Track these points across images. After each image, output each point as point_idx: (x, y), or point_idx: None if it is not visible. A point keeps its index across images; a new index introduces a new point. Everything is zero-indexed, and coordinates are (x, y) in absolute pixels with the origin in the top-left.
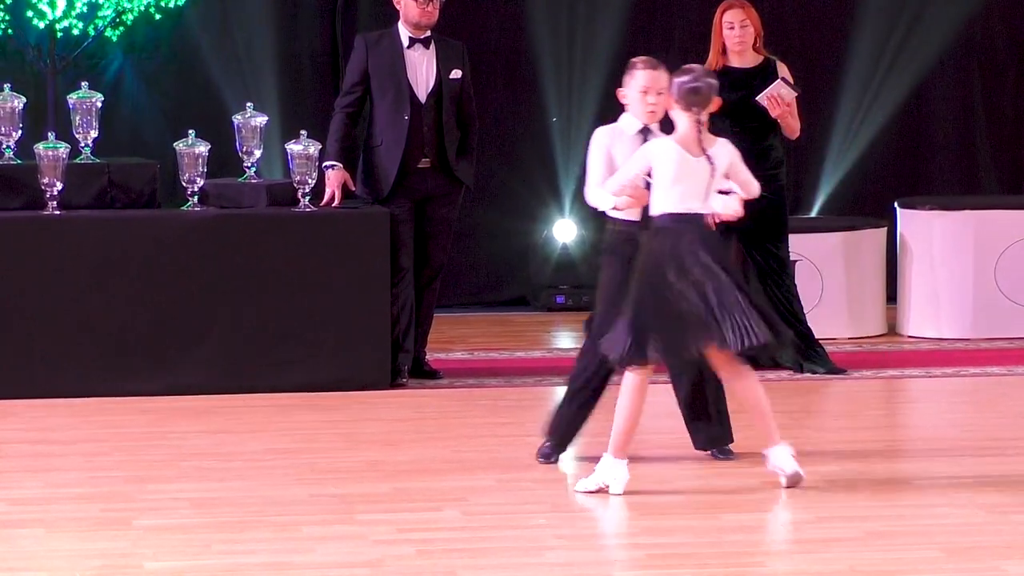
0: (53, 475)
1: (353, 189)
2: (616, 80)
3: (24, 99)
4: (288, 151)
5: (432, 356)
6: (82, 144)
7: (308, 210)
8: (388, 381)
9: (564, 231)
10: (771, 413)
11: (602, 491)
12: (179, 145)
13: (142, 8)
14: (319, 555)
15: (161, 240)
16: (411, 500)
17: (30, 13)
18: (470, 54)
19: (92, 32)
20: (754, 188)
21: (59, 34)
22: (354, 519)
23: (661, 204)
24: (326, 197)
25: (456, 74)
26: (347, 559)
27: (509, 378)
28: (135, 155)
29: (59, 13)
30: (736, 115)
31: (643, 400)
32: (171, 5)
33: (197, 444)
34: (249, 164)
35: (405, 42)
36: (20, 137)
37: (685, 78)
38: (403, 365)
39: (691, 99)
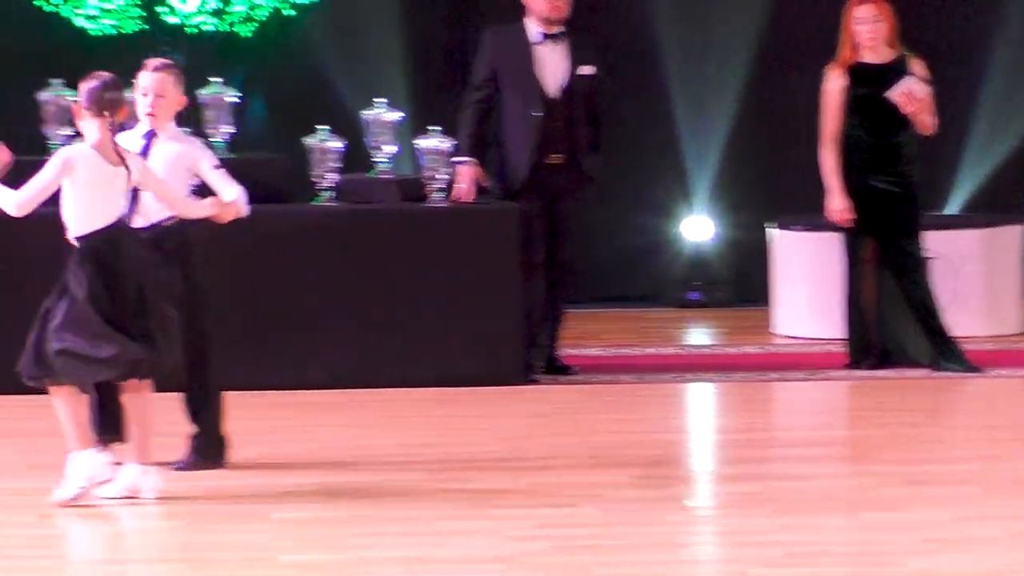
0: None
1: (485, 184)
2: (750, 73)
3: None
4: (418, 147)
5: (565, 352)
6: (215, 139)
7: (439, 205)
8: (521, 377)
9: (696, 227)
10: (151, 434)
11: (85, 494)
12: (309, 140)
13: (273, 5)
14: (454, 549)
15: (292, 234)
16: (546, 496)
17: (163, 9)
18: (599, 48)
19: (224, 28)
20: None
21: (191, 30)
22: (489, 514)
23: (82, 216)
24: (458, 192)
25: (587, 70)
26: (482, 554)
27: (642, 374)
28: (267, 150)
29: (191, 9)
30: (867, 111)
31: (78, 400)
32: (302, 1)
33: (331, 437)
34: (379, 159)
35: (535, 37)
36: None
37: (94, 83)
38: (536, 361)
39: (101, 105)
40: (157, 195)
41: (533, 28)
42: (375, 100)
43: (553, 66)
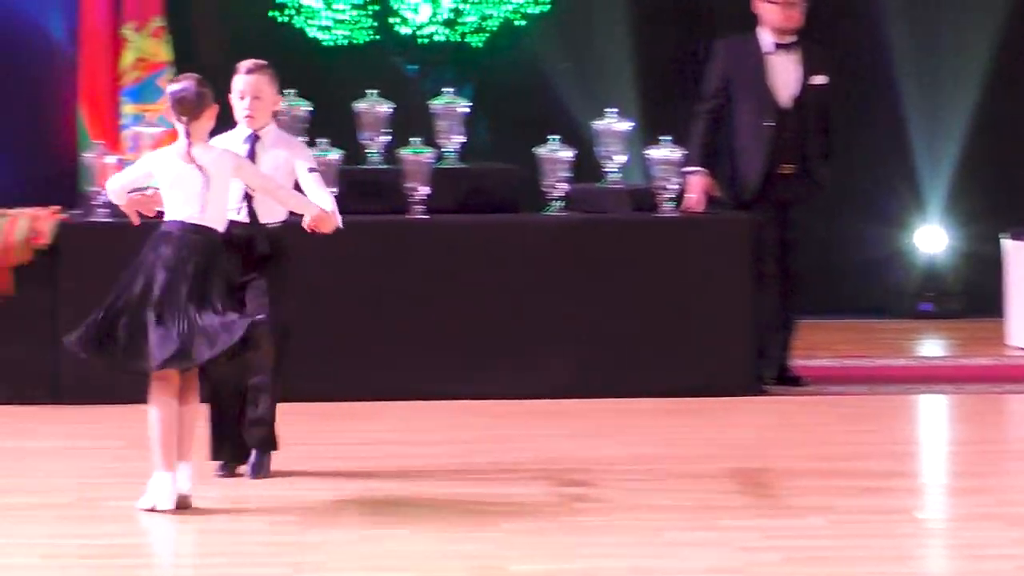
0: (417, 479)
1: (715, 195)
2: (985, 82)
3: (391, 104)
4: (648, 156)
5: (796, 362)
6: (447, 149)
7: (670, 215)
8: (751, 387)
9: (929, 237)
10: (188, 435)
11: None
12: (540, 150)
13: (505, 15)
14: (683, 560)
15: (523, 243)
16: (775, 506)
17: (395, 20)
18: (832, 57)
19: (455, 39)
20: (280, 193)
21: (423, 40)
22: (718, 524)
23: (167, 209)
24: (688, 202)
25: (820, 79)
26: (710, 564)
27: (874, 385)
28: (499, 160)
29: (423, 20)
30: None
31: (172, 410)
32: (533, 11)
33: (559, 447)
34: (610, 169)
35: (768, 47)
36: (389, 142)
37: (174, 87)
38: (766, 371)
39: (176, 108)
40: (263, 191)
41: (766, 38)
42: (606, 110)
43: (785, 76)
